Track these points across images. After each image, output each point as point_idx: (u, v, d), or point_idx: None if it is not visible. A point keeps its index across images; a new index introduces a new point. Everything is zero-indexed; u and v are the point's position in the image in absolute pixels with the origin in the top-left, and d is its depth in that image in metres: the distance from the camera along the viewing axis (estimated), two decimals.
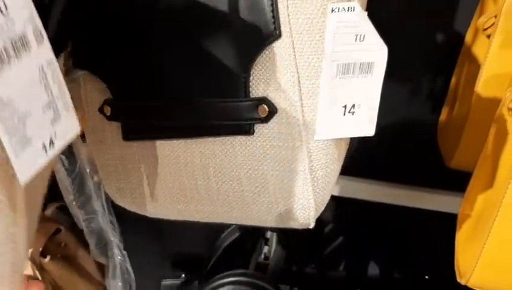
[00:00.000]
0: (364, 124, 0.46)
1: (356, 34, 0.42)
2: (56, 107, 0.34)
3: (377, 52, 0.43)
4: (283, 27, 0.43)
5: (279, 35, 0.44)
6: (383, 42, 0.43)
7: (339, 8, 0.42)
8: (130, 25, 0.47)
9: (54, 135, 0.34)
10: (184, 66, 0.46)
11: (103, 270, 0.97)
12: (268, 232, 0.96)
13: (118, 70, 0.48)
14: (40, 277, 0.86)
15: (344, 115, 0.46)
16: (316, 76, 0.45)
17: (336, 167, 0.50)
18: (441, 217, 0.82)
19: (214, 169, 0.50)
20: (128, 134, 0.51)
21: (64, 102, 0.35)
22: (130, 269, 0.94)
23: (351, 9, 0.42)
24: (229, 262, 0.93)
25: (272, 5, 0.43)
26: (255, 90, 0.46)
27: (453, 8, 0.75)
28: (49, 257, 0.87)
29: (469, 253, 0.53)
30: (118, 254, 0.92)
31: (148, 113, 0.49)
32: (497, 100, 0.52)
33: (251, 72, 0.45)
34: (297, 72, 0.45)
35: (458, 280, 0.55)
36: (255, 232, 0.94)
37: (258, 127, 0.47)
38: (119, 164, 0.53)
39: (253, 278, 0.77)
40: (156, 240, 1.02)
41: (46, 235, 0.88)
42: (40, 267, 0.87)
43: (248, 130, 0.47)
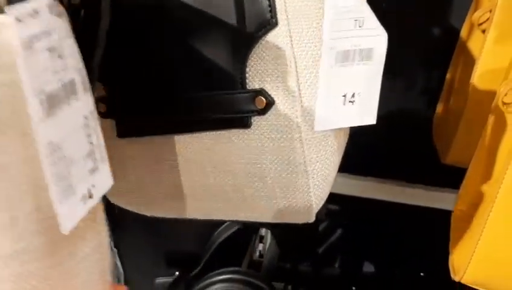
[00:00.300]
0: (365, 113, 0.45)
1: (355, 20, 0.41)
2: (95, 158, 0.34)
3: (376, 37, 0.42)
4: (279, 15, 0.42)
5: (276, 24, 0.42)
6: (382, 27, 0.42)
7: None
8: (121, 19, 0.45)
9: (92, 186, 0.34)
10: (179, 58, 0.45)
11: None
12: (263, 230, 0.95)
13: (112, 66, 0.47)
14: None
15: (344, 104, 0.44)
16: (314, 65, 0.43)
17: (336, 159, 0.49)
18: (436, 214, 0.81)
19: (210, 164, 0.48)
20: (123, 131, 0.49)
21: (101, 153, 0.35)
22: (119, 264, 0.93)
23: None
24: (223, 260, 0.92)
25: None
26: (252, 82, 0.45)
27: (449, 2, 0.74)
28: None
29: (463, 249, 0.53)
30: None
31: (143, 109, 0.48)
32: (492, 95, 0.52)
33: (247, 63, 0.44)
34: (295, 62, 0.43)
35: (452, 276, 0.54)
36: (249, 230, 0.94)
37: (256, 120, 0.46)
38: (115, 163, 0.52)
39: (245, 275, 0.76)
40: (150, 238, 1.01)
41: None
42: None
43: (245, 123, 0.46)
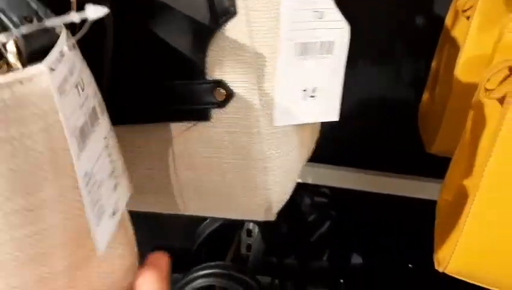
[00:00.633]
0: (327, 109, 0.43)
1: (316, 11, 0.39)
2: (115, 174, 0.34)
3: (337, 30, 0.40)
4: (239, 3, 0.40)
5: (235, 13, 0.40)
6: (344, 20, 0.40)
7: None
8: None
9: (116, 201, 0.34)
10: (139, 46, 0.43)
11: None
12: (251, 224, 0.94)
13: None
14: None
15: (304, 99, 0.42)
16: (274, 57, 0.41)
17: (297, 155, 0.47)
18: (424, 205, 0.80)
19: (171, 157, 0.47)
20: None
21: (120, 168, 0.35)
22: None
23: None
24: (211, 254, 0.91)
25: None
26: (212, 73, 0.43)
27: None
28: None
29: (447, 240, 0.52)
30: None
31: (105, 99, 0.47)
32: (476, 83, 0.50)
33: (207, 53, 0.42)
34: (255, 53, 0.41)
35: (436, 267, 0.53)
36: (237, 223, 0.93)
37: (215, 113, 0.44)
38: None
39: (229, 269, 0.75)
40: (137, 233, 1.00)
41: None
42: None
43: (205, 115, 0.44)
